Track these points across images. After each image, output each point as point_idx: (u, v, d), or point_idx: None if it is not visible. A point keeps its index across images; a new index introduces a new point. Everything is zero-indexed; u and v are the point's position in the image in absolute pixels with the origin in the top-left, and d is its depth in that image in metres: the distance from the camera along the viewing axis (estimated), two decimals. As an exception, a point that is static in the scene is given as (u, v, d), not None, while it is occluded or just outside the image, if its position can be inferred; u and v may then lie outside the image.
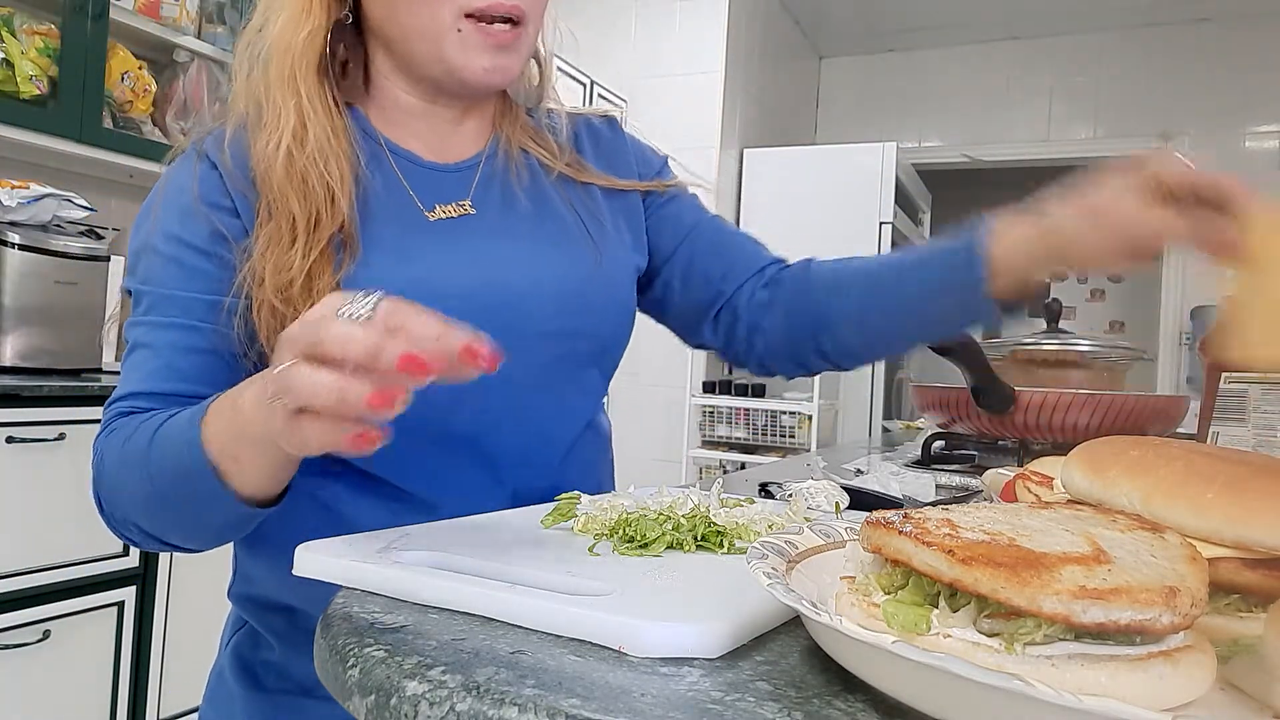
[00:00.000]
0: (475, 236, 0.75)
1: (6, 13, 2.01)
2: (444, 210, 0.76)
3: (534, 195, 0.81)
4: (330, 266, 0.68)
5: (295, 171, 0.69)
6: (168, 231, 0.70)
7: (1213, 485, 0.36)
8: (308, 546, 0.49)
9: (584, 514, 0.57)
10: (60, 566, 1.74)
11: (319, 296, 0.65)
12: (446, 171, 0.78)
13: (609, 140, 0.91)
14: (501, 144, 0.82)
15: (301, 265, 0.66)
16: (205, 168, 0.72)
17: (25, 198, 1.91)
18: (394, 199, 0.74)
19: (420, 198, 0.75)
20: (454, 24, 0.71)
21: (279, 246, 0.67)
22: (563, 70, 3.38)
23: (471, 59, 0.72)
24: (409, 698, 0.33)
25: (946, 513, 0.35)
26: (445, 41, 0.71)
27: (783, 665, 0.37)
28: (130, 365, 0.69)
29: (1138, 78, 4.39)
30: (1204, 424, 0.71)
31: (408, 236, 0.73)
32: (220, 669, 0.79)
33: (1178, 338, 4.31)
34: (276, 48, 0.72)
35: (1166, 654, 0.30)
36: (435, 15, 0.70)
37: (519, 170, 0.81)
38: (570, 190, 0.83)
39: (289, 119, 0.70)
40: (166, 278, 0.69)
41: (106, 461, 0.65)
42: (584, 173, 0.85)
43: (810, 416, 3.36)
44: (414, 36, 0.72)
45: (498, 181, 0.80)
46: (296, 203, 0.68)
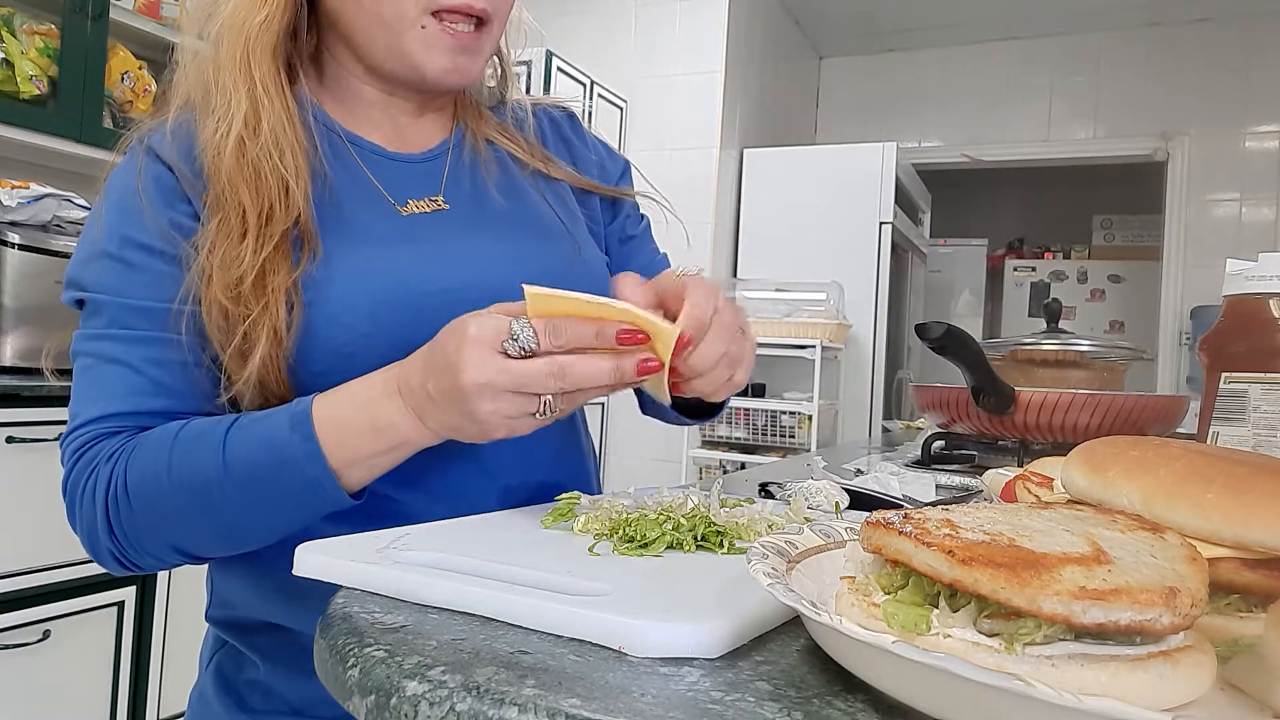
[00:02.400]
0: (451, 233, 0.74)
1: (6, 13, 2.01)
2: (416, 205, 0.74)
3: (507, 188, 0.80)
4: (286, 264, 0.65)
5: (247, 161, 0.65)
6: (124, 236, 0.66)
7: (1213, 485, 0.36)
8: (308, 547, 0.49)
9: (584, 514, 0.57)
10: (60, 566, 1.74)
11: (274, 295, 0.63)
12: (413, 162, 0.77)
13: (571, 136, 0.90)
14: (466, 135, 0.81)
15: (253, 261, 0.63)
16: (156, 166, 0.68)
17: (25, 198, 1.91)
18: (363, 192, 0.72)
19: (390, 191, 0.73)
20: (418, 19, 0.69)
21: (228, 241, 0.64)
22: (563, 70, 3.38)
23: (433, 57, 0.70)
24: (409, 698, 0.33)
25: (946, 513, 0.35)
26: (407, 35, 0.69)
27: (783, 665, 0.37)
28: (98, 381, 0.64)
29: (1138, 78, 4.39)
30: (1204, 424, 0.71)
31: (382, 231, 0.71)
32: (201, 690, 0.76)
33: (1178, 338, 4.31)
34: (230, 29, 0.68)
35: (1166, 654, 0.30)
36: (399, 6, 0.68)
37: (487, 163, 0.80)
38: (542, 184, 0.83)
39: (240, 105, 0.66)
40: (128, 286, 0.65)
41: (133, 487, 0.61)
42: (554, 168, 0.85)
43: (810, 416, 3.36)
44: (375, 26, 0.70)
45: (467, 174, 0.78)
46: (247, 195, 0.65)
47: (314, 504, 0.61)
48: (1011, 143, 4.66)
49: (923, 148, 4.80)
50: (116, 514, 0.62)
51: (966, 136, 4.75)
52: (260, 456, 0.59)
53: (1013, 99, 4.65)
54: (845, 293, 3.60)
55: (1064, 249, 6.04)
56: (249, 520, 0.62)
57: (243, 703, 0.73)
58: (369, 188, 0.73)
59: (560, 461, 0.79)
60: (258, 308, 0.63)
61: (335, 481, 0.60)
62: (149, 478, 0.61)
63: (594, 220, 0.88)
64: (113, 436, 0.64)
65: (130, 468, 0.62)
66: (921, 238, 4.52)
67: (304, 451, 0.59)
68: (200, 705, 0.76)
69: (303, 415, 0.59)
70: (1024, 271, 6.00)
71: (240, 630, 0.74)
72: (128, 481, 0.61)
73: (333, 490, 0.60)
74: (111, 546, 0.63)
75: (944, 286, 5.80)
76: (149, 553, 0.64)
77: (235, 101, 0.66)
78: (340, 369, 0.64)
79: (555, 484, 0.75)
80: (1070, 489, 0.41)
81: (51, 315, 1.93)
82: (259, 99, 0.67)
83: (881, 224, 3.69)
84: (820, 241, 3.71)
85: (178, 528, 0.62)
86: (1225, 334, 0.70)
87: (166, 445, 0.61)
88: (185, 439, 0.61)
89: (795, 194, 3.81)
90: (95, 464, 0.63)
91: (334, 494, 0.60)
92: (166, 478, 0.60)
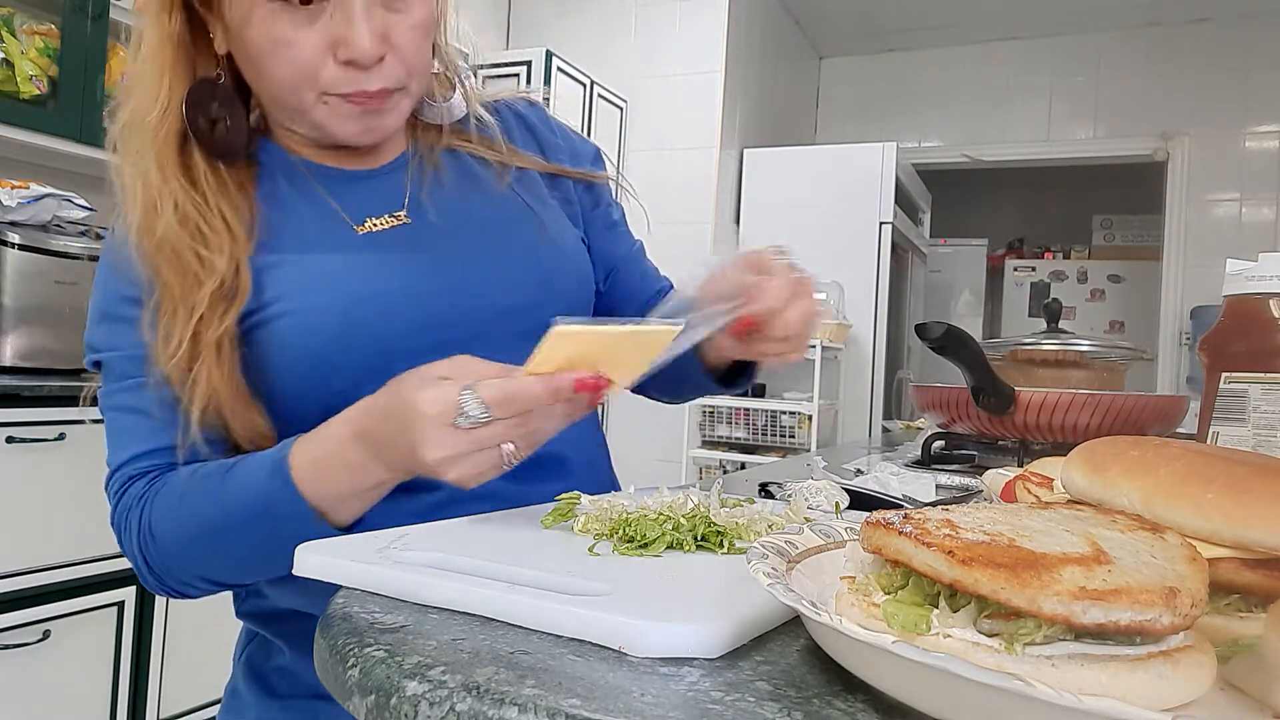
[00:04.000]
0: (411, 243, 0.75)
1: (6, 13, 2.01)
2: (374, 223, 0.75)
3: (472, 192, 0.81)
4: (217, 315, 0.68)
5: (159, 245, 0.69)
6: (115, 293, 0.71)
7: (1213, 485, 0.36)
8: (308, 547, 0.49)
9: (584, 514, 0.57)
10: (60, 566, 1.74)
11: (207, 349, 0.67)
12: (373, 177, 0.78)
13: (537, 125, 0.90)
14: (421, 148, 0.81)
15: (185, 328, 0.67)
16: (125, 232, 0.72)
17: (25, 198, 1.91)
18: (319, 215, 0.74)
19: (348, 211, 0.75)
20: (317, 101, 0.70)
21: (163, 317, 0.68)
22: (563, 70, 3.38)
23: (343, 124, 0.71)
24: (409, 698, 0.33)
25: (946, 513, 0.35)
26: (312, 112, 0.71)
27: (783, 665, 0.37)
28: (122, 430, 0.70)
29: (1138, 78, 4.39)
30: (1204, 424, 0.70)
31: (329, 245, 0.73)
32: (234, 684, 0.80)
33: (1178, 338, 4.31)
34: (128, 130, 0.71)
35: (1166, 654, 0.30)
36: (298, 94, 0.69)
37: (446, 175, 0.81)
38: (509, 176, 0.84)
39: (139, 197, 0.70)
40: (126, 340, 0.70)
41: (159, 528, 0.66)
42: (519, 158, 0.85)
43: (810, 416, 3.36)
44: (280, 106, 0.73)
45: (428, 186, 0.79)
46: (169, 273, 0.68)
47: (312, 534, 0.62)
48: (1011, 143, 4.66)
49: (923, 148, 4.80)
50: (148, 553, 0.68)
51: (966, 136, 4.75)
52: (251, 503, 0.63)
53: (1013, 99, 4.65)
54: (845, 293, 3.60)
55: (1064, 249, 6.04)
56: (257, 557, 0.66)
57: (271, 689, 0.75)
58: (326, 210, 0.75)
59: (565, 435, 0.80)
60: (196, 366, 0.68)
61: (320, 517, 0.62)
62: (168, 521, 0.66)
63: (569, 202, 0.88)
64: (141, 478, 0.69)
65: (154, 513, 0.67)
66: (921, 238, 4.52)
67: (284, 496, 0.62)
68: (232, 698, 0.79)
69: (279, 463, 0.63)
70: (1024, 271, 6.00)
71: (267, 619, 0.77)
72: (153, 526, 0.67)
73: (320, 524, 0.62)
74: (153, 578, 0.69)
75: (944, 286, 5.80)
76: (186, 583, 0.69)
77: (133, 196, 0.70)
78: (324, 371, 0.69)
79: (560, 456, 0.77)
80: (1070, 489, 0.41)
81: (52, 315, 1.93)
82: (155, 187, 0.70)
83: (881, 224, 3.69)
84: (820, 241, 3.71)
85: (200, 564, 0.68)
86: (1225, 334, 0.70)
87: (179, 490, 0.67)
88: (193, 485, 0.66)
89: (795, 194, 3.81)
90: (128, 508, 0.69)
91: (324, 527, 0.62)
92: (180, 524, 0.66)
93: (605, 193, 0.93)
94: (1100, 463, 0.40)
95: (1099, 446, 0.42)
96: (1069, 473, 0.41)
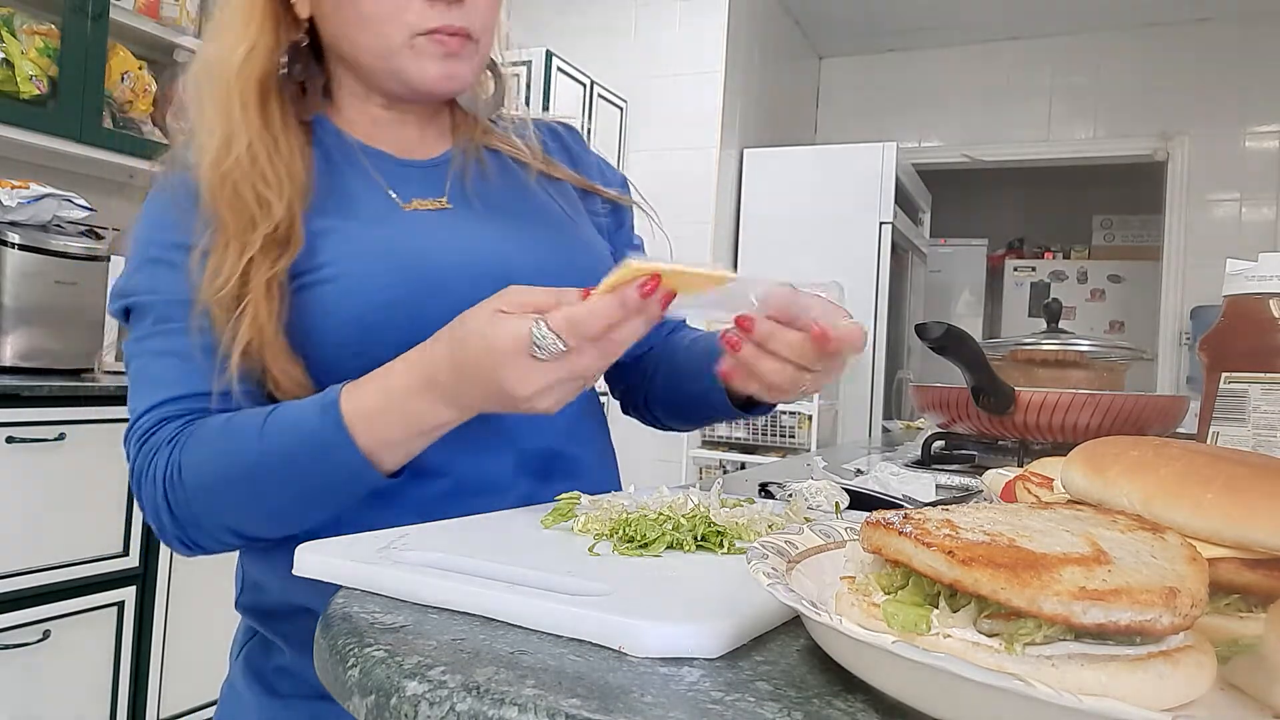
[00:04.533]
0: (452, 227, 0.78)
1: (6, 13, 2.01)
2: (420, 204, 0.79)
3: (510, 187, 0.84)
4: (268, 260, 0.69)
5: (223, 180, 0.70)
6: (161, 239, 0.72)
7: (1213, 485, 0.36)
8: (308, 546, 0.49)
9: (584, 514, 0.57)
10: (60, 566, 1.74)
11: (255, 290, 0.68)
12: (421, 167, 0.82)
13: (574, 147, 0.95)
14: (464, 146, 0.85)
15: (236, 264, 0.68)
16: (180, 175, 0.74)
17: (25, 198, 1.91)
18: (368, 192, 0.78)
19: (397, 192, 0.79)
20: (407, 42, 0.74)
21: (216, 252, 0.69)
22: (563, 70, 3.38)
23: (425, 67, 0.75)
24: (409, 698, 0.33)
25: (946, 513, 0.35)
26: (398, 56, 0.75)
27: (783, 665, 0.37)
28: (154, 374, 0.69)
29: (1138, 78, 4.39)
30: (1204, 424, 0.70)
31: (379, 219, 0.76)
32: (231, 681, 0.79)
33: (1178, 338, 4.31)
34: (214, 65, 0.74)
35: (1166, 654, 0.30)
36: (385, 34, 0.74)
37: (489, 168, 0.85)
38: (545, 182, 0.88)
39: (216, 131, 0.72)
40: (170, 284, 0.70)
41: (187, 471, 0.65)
42: (556, 169, 0.89)
43: (810, 416, 3.36)
44: (367, 53, 0.76)
45: (470, 179, 0.83)
46: (227, 210, 0.70)
47: (351, 486, 0.64)
48: (1011, 143, 4.66)
49: (923, 148, 4.79)
50: (174, 496, 0.66)
51: (966, 136, 4.75)
52: (295, 445, 0.63)
53: (1013, 99, 4.65)
54: (845, 293, 3.59)
55: (1064, 249, 6.04)
56: (292, 504, 0.66)
57: (271, 689, 0.75)
58: (375, 186, 0.78)
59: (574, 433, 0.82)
60: (242, 304, 0.68)
61: (368, 463, 0.62)
62: (201, 462, 0.65)
63: (597, 216, 0.92)
64: (172, 421, 0.68)
65: (185, 453, 0.66)
66: (921, 238, 4.51)
67: (334, 440, 0.62)
68: (230, 695, 0.79)
69: (331, 404, 0.62)
70: (1024, 271, 6.00)
71: (269, 616, 0.76)
72: (182, 466, 0.65)
73: (367, 470, 0.63)
74: (174, 528, 0.67)
75: (944, 286, 5.80)
76: (208, 534, 0.67)
77: (213, 129, 0.72)
78: (363, 339, 0.69)
79: (574, 456, 0.78)
80: (1070, 489, 0.41)
81: (52, 315, 1.93)
82: (235, 123, 0.72)
83: (881, 224, 3.69)
84: (820, 241, 3.70)
85: (229, 511, 0.66)
86: (1225, 334, 0.70)
87: (214, 435, 0.66)
88: (230, 429, 0.65)
89: (795, 194, 3.81)
90: (157, 447, 0.67)
91: (369, 473, 0.63)
92: (214, 466, 0.65)
93: (628, 218, 0.97)
94: (1100, 463, 0.40)
95: (1099, 446, 0.42)
96: (1069, 473, 0.41)
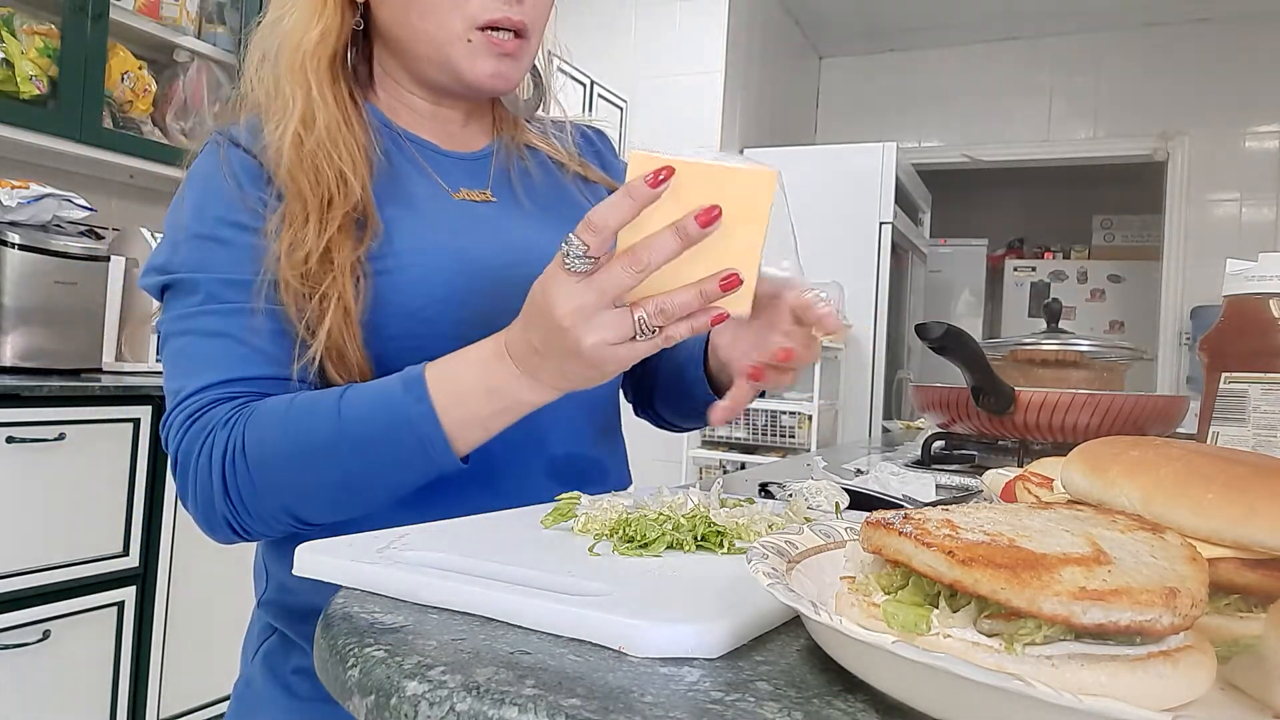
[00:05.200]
0: (501, 219, 0.80)
1: (6, 13, 2.01)
2: (467, 194, 0.80)
3: (548, 186, 0.86)
4: (349, 242, 0.70)
5: (304, 156, 0.71)
6: (213, 215, 0.70)
7: (1213, 485, 0.36)
8: (308, 546, 0.49)
9: (584, 514, 0.57)
10: (60, 566, 1.74)
11: (340, 270, 0.68)
12: (465, 159, 0.83)
13: (604, 151, 0.97)
14: (507, 144, 0.87)
15: (317, 242, 0.68)
16: (239, 153, 0.73)
17: (25, 198, 1.91)
18: (420, 180, 0.79)
19: (445, 180, 0.80)
20: (464, 34, 0.74)
21: (292, 227, 0.69)
22: (563, 70, 3.38)
23: (478, 65, 0.75)
24: (409, 698, 0.33)
25: (946, 513, 0.35)
26: (453, 49, 0.75)
27: (783, 665, 0.37)
28: (202, 354, 0.67)
29: (1138, 78, 4.39)
30: (1204, 424, 0.70)
31: (435, 209, 0.77)
32: (248, 679, 0.79)
33: (1178, 338, 4.31)
34: (289, 41, 0.75)
35: (1166, 654, 0.30)
36: (445, 24, 0.74)
37: (529, 165, 0.86)
38: (581, 184, 0.89)
39: (296, 107, 0.72)
40: (222, 262, 0.69)
41: (251, 451, 0.63)
42: (591, 172, 0.91)
43: (810, 416, 3.36)
44: (423, 41, 0.76)
45: (511, 175, 0.84)
46: (307, 185, 0.70)
47: (425, 465, 0.63)
48: (1011, 143, 4.66)
49: (923, 148, 4.80)
50: (234, 477, 0.64)
51: (966, 136, 4.75)
52: (375, 417, 0.62)
53: (1013, 99, 4.65)
54: (845, 293, 3.60)
55: (1064, 249, 6.04)
56: (362, 482, 0.64)
57: (291, 691, 0.75)
58: (425, 177, 0.79)
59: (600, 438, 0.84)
60: (326, 282, 0.68)
61: (447, 442, 0.62)
62: (266, 441, 0.63)
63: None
64: (227, 402, 0.66)
65: (248, 431, 0.64)
66: (921, 238, 4.51)
67: (418, 413, 0.61)
68: (247, 693, 0.78)
69: (416, 379, 0.62)
70: (1024, 271, 6.00)
71: (291, 617, 0.76)
72: (245, 445, 0.63)
73: (444, 451, 0.62)
74: (227, 511, 0.65)
75: (944, 286, 5.80)
76: (263, 517, 0.65)
77: (292, 104, 0.72)
78: (416, 333, 0.70)
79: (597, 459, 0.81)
80: (1070, 489, 0.41)
81: (52, 315, 1.93)
82: (314, 100, 0.73)
83: (881, 224, 3.69)
84: (820, 241, 3.70)
85: (293, 491, 0.64)
86: (1225, 334, 0.70)
87: (282, 411, 0.64)
88: (300, 405, 0.64)
89: (795, 194, 3.78)
90: (211, 429, 0.65)
91: (446, 455, 0.62)
92: (283, 441, 0.63)
93: None
94: (1100, 463, 0.40)
95: (1099, 446, 0.42)
96: (1069, 473, 0.41)
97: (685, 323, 0.56)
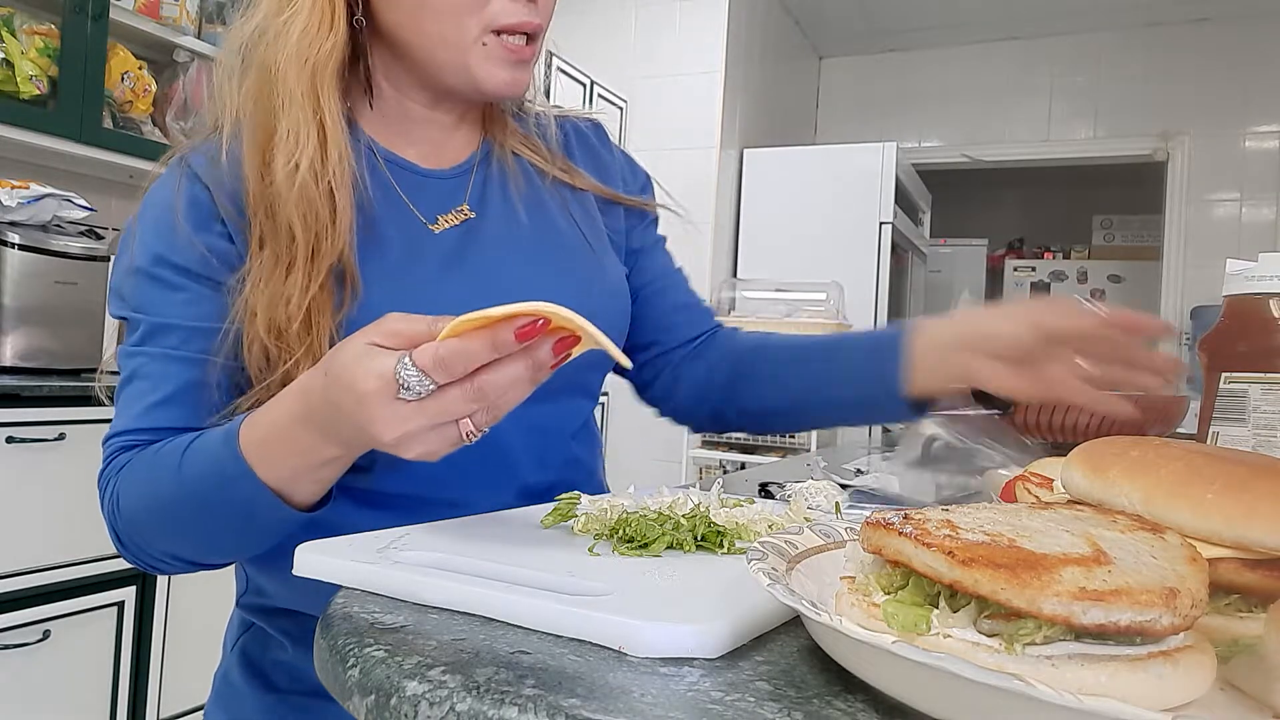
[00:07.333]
0: (478, 248, 0.76)
1: (6, 13, 2.01)
2: (445, 220, 0.76)
3: (531, 202, 0.81)
4: (330, 304, 0.66)
5: (305, 194, 0.65)
6: (156, 254, 0.67)
7: (1213, 485, 0.36)
8: (308, 547, 0.49)
9: (584, 514, 0.57)
10: (60, 566, 1.74)
11: (318, 337, 0.64)
12: (444, 178, 0.78)
13: (597, 147, 0.91)
14: (494, 148, 0.83)
15: (300, 301, 0.64)
16: (193, 187, 0.69)
17: (25, 198, 1.91)
18: (396, 213, 0.74)
19: (421, 210, 0.75)
20: (480, 37, 0.71)
21: (275, 278, 0.65)
22: (563, 70, 3.38)
23: (494, 71, 0.72)
24: (409, 698, 0.33)
25: (946, 513, 0.35)
26: (469, 52, 0.71)
27: (783, 665, 0.37)
28: (128, 397, 0.67)
29: (1138, 78, 4.39)
30: (1204, 424, 0.70)
31: (411, 255, 0.73)
32: (226, 671, 0.79)
33: (1178, 338, 4.30)
34: (295, 58, 0.67)
35: (1166, 654, 0.30)
36: (461, 27, 0.70)
37: (515, 176, 0.82)
38: (566, 195, 0.84)
39: (310, 138, 0.66)
40: (159, 304, 0.67)
41: (123, 501, 0.64)
42: (577, 178, 0.86)
43: (810, 416, 3.35)
44: (437, 45, 0.71)
45: (495, 186, 0.80)
46: (300, 226, 0.65)
47: (269, 517, 0.60)
48: (1011, 143, 4.66)
49: (923, 148, 4.79)
50: (117, 525, 0.66)
51: (966, 136, 4.75)
52: (207, 475, 0.60)
53: (1013, 99, 4.65)
54: (845, 293, 3.59)
55: (1064, 249, 6.03)
56: (220, 534, 0.64)
57: (269, 683, 0.74)
58: (401, 207, 0.75)
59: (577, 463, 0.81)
60: (301, 349, 0.64)
61: (277, 498, 0.58)
62: (134, 495, 0.64)
63: (615, 231, 0.88)
64: (128, 451, 0.66)
65: (121, 485, 0.65)
66: (921, 238, 4.51)
67: (237, 471, 0.58)
68: (225, 686, 0.78)
69: (233, 435, 0.59)
70: (1024, 271, 6.00)
71: (268, 614, 0.76)
72: (119, 500, 0.65)
73: (278, 506, 0.58)
74: (124, 552, 0.67)
75: (944, 286, 5.80)
76: (156, 560, 0.66)
77: (305, 135, 0.66)
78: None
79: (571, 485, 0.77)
80: (1070, 489, 0.41)
81: (52, 315, 1.93)
82: (329, 134, 0.67)
83: (881, 224, 3.68)
84: (820, 241, 3.70)
85: (166, 540, 0.65)
86: (1225, 334, 0.70)
87: (145, 463, 0.64)
88: (158, 457, 0.63)
89: (795, 194, 3.81)
90: (110, 477, 0.66)
91: (281, 510, 0.59)
92: (141, 496, 0.64)
93: (644, 216, 0.94)
94: (1100, 463, 0.40)
95: (1099, 446, 0.42)
96: (1069, 473, 0.41)
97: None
